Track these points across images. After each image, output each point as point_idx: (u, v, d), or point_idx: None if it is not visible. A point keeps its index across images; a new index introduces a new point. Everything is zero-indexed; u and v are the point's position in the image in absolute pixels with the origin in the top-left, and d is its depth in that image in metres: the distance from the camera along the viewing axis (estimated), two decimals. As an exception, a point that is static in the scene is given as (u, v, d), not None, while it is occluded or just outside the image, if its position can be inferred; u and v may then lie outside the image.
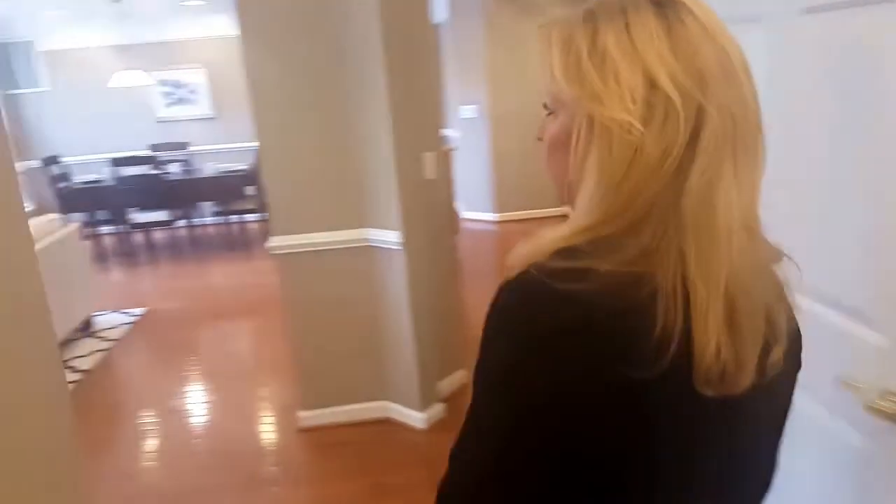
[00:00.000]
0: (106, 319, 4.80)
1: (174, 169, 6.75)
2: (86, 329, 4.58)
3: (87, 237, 6.54)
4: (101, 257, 6.51)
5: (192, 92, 7.65)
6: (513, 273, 0.60)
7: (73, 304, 4.44)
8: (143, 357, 4.44)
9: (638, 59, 0.58)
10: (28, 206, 7.31)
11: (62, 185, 6.60)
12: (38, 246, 3.97)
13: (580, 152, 0.61)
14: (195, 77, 7.59)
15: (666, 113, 0.57)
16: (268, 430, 3.31)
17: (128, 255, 6.65)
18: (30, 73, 7.44)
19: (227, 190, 6.51)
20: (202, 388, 3.85)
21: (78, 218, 6.54)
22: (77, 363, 4.07)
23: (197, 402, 3.68)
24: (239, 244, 6.79)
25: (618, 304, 0.55)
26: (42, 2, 6.32)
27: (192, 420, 3.50)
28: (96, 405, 3.60)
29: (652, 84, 0.57)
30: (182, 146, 7.29)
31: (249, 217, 6.83)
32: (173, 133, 7.56)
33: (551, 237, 0.61)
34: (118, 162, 6.18)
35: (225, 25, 6.64)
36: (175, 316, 5.00)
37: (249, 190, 6.56)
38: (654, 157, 0.57)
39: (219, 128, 7.67)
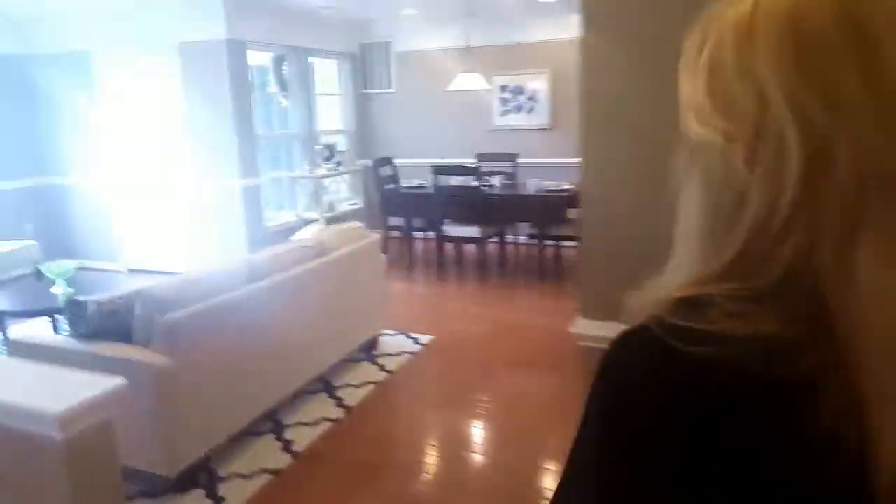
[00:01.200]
0: (390, 342, 4.29)
1: (495, 182, 6.15)
2: (368, 351, 4.11)
3: (398, 241, 6.47)
4: (407, 266, 6.24)
5: (530, 99, 7.01)
6: (632, 324, 0.50)
7: (361, 320, 3.99)
8: (420, 391, 3.79)
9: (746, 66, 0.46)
10: (357, 204, 7.48)
11: (389, 186, 6.50)
12: (336, 254, 3.48)
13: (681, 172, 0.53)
14: (537, 83, 6.92)
15: (778, 144, 0.44)
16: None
17: (434, 267, 6.26)
18: (385, 74, 7.60)
19: (548, 211, 5.66)
20: (483, 444, 2.97)
21: (395, 223, 6.44)
22: (346, 394, 3.56)
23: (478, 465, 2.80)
24: (551, 273, 5.90)
25: (770, 377, 0.43)
26: (400, 2, 6.25)
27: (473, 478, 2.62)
28: (361, 442, 2.97)
29: (762, 102, 0.45)
30: (511, 157, 6.69)
31: (567, 244, 5.89)
32: (503, 143, 7.02)
33: (675, 282, 0.51)
34: (440, 170, 5.80)
35: (575, 27, 5.80)
36: (465, 346, 4.30)
37: (572, 213, 5.60)
38: (758, 206, 0.45)
39: (551, 140, 6.89)
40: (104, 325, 2.71)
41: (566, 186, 5.76)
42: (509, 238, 6.41)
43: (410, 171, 6.98)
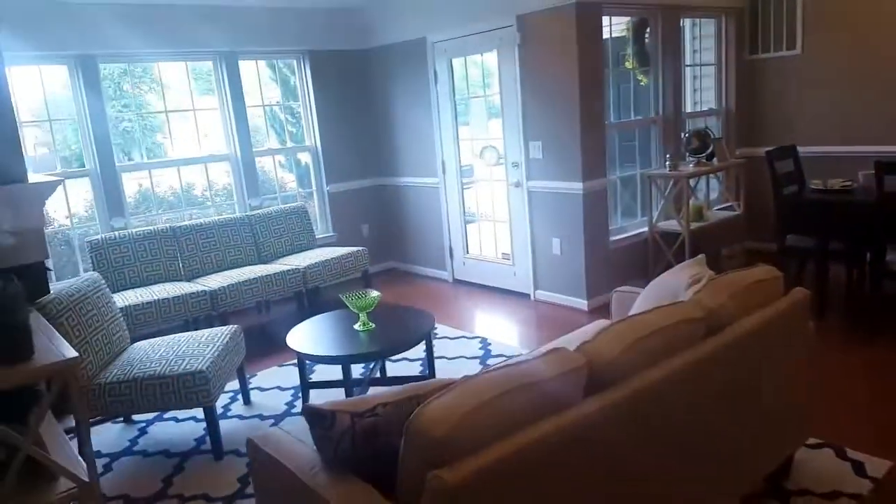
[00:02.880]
0: (812, 467, 2.56)
1: None
2: (776, 483, 2.47)
3: (797, 268, 4.38)
4: (817, 314, 4.24)
5: None
6: None
7: (767, 433, 2.38)
8: None
9: None
10: (734, 209, 5.61)
11: (790, 189, 4.55)
12: (739, 327, 1.94)
13: None
14: None
15: None
16: None
17: (870, 316, 4.15)
18: (787, 31, 5.54)
19: None
20: None
21: (795, 241, 4.46)
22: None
23: None
24: None
25: None
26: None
27: None
28: None
29: None
30: None
31: None
32: None
33: None
34: (888, 168, 3.71)
35: None
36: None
37: None
38: None
39: None
40: (357, 453, 1.68)
41: None
42: None
43: (822, 167, 4.89)
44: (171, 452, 3.24)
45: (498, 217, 5.52)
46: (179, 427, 3.52)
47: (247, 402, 3.74)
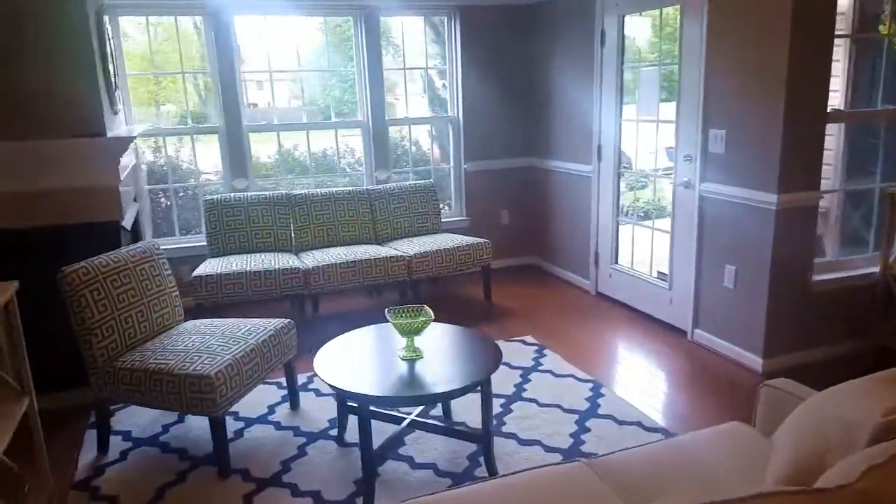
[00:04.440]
0: None
1: None
2: None
3: None
4: None
5: None
6: None
7: None
8: None
9: None
10: None
11: None
12: None
13: None
14: None
15: None
16: None
17: None
18: None
19: None
20: None
21: None
22: None
23: None
24: None
25: None
26: None
27: None
28: None
29: None
30: None
31: None
32: None
33: None
34: None
35: None
36: None
37: None
38: None
39: None
40: None
41: None
42: None
43: None
44: (186, 454, 2.89)
45: (658, 224, 4.45)
46: (215, 422, 3.17)
47: (294, 406, 3.28)
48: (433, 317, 2.72)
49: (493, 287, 4.84)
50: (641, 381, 3.53)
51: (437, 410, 3.11)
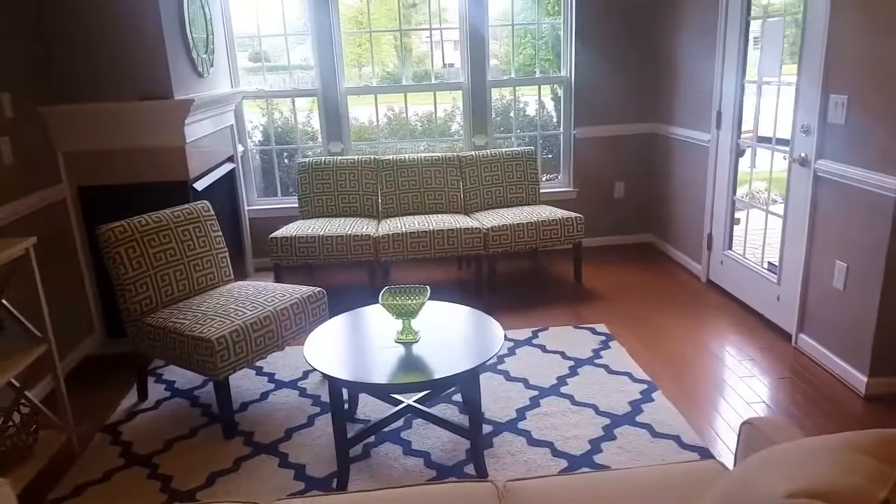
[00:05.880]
0: None
1: None
2: None
3: None
4: None
5: None
6: None
7: None
8: None
9: None
10: None
11: None
12: None
13: None
14: None
15: None
16: None
17: None
18: None
19: None
20: None
21: None
22: None
23: None
24: None
25: None
26: None
27: None
28: None
29: None
30: None
31: None
32: None
33: None
34: None
35: None
36: None
37: None
38: None
39: None
40: None
41: None
42: None
43: None
44: (208, 411, 2.98)
45: (772, 206, 3.70)
46: (250, 381, 3.24)
47: (325, 375, 3.25)
48: (427, 298, 2.48)
49: (594, 266, 4.41)
50: (708, 390, 2.97)
51: (458, 395, 2.90)
